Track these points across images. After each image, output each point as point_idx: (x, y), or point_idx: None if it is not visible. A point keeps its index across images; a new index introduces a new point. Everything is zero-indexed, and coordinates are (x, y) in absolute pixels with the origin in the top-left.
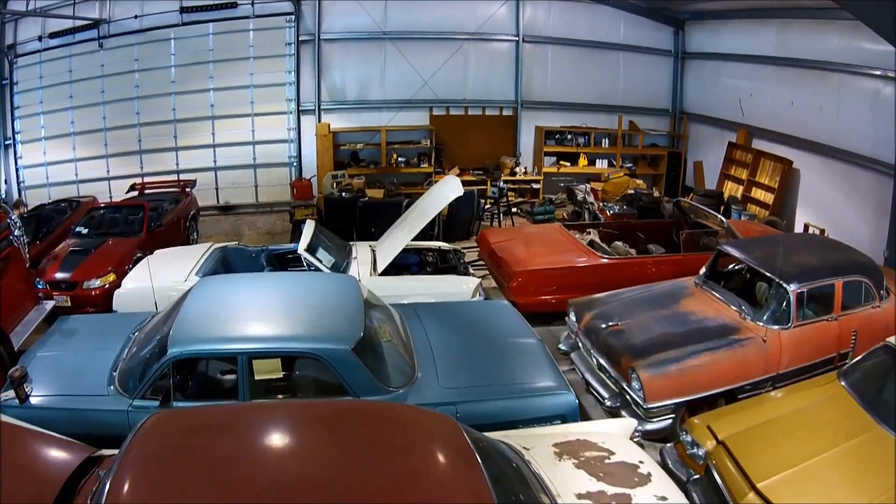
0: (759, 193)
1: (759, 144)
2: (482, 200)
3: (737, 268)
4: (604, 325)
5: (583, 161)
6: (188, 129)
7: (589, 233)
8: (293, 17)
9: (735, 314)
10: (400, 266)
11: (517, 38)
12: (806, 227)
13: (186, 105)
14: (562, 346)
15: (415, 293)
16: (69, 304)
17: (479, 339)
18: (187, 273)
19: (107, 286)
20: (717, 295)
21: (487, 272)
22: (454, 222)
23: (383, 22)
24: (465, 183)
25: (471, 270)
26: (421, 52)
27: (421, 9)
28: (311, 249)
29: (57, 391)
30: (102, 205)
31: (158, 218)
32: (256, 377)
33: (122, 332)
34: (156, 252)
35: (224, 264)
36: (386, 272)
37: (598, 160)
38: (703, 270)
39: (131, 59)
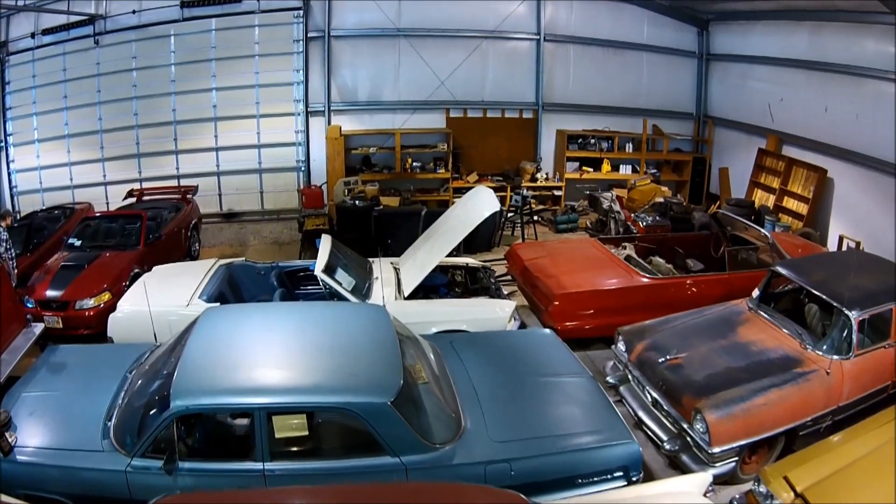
0: (791, 203)
1: (790, 152)
2: (504, 209)
3: (787, 288)
4: (661, 359)
5: (606, 167)
6: (189, 131)
7: (625, 247)
8: (301, 12)
9: (795, 344)
10: (426, 287)
11: (538, 37)
12: (840, 239)
13: (187, 106)
14: (609, 379)
15: (446, 320)
16: (61, 325)
17: (526, 377)
18: (190, 296)
19: (101, 306)
20: (773, 321)
21: (517, 289)
22: (475, 233)
23: (397, 18)
24: None
25: (504, 291)
26: (437, 51)
27: (437, 5)
28: (329, 269)
29: (45, 443)
30: (98, 214)
31: (157, 228)
32: (277, 435)
33: (117, 369)
34: (154, 268)
35: (230, 284)
36: (412, 295)
37: (621, 166)
38: (755, 293)
39: (129, 57)
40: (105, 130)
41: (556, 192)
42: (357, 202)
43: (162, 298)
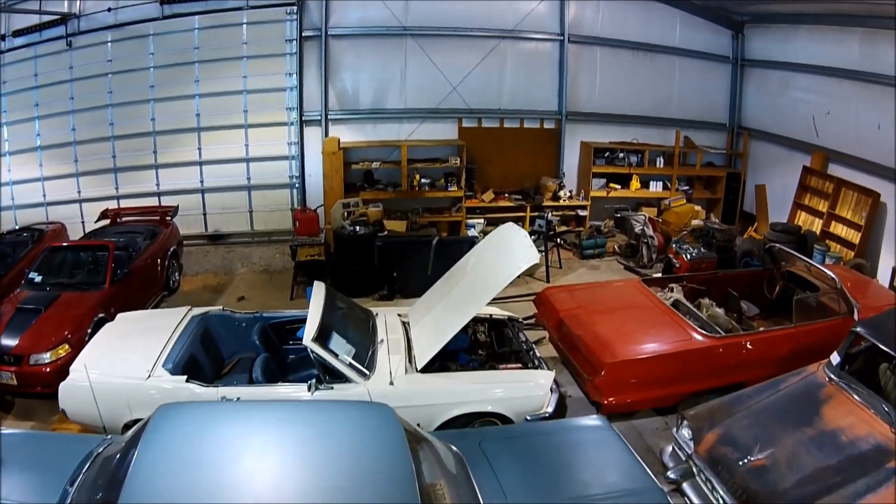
0: (839, 229)
1: (836, 171)
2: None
3: (861, 348)
4: (741, 461)
5: (635, 184)
6: (170, 142)
7: (671, 289)
8: (295, 8)
9: (886, 429)
10: (443, 351)
11: (561, 38)
12: (894, 271)
13: (168, 114)
14: (671, 474)
15: (470, 400)
16: (15, 382)
17: (579, 493)
18: (153, 362)
19: (59, 361)
20: (857, 398)
21: (545, 335)
22: None
23: (404, 15)
24: (501, 210)
25: (537, 350)
26: (448, 53)
27: (449, 2)
28: (323, 334)
29: None
30: (64, 244)
31: (129, 260)
32: None
33: (57, 475)
34: (118, 318)
35: (204, 341)
36: (427, 366)
37: (651, 182)
38: (834, 358)
39: (104, 61)
40: (79, 142)
41: (581, 212)
42: (357, 228)
43: (117, 366)
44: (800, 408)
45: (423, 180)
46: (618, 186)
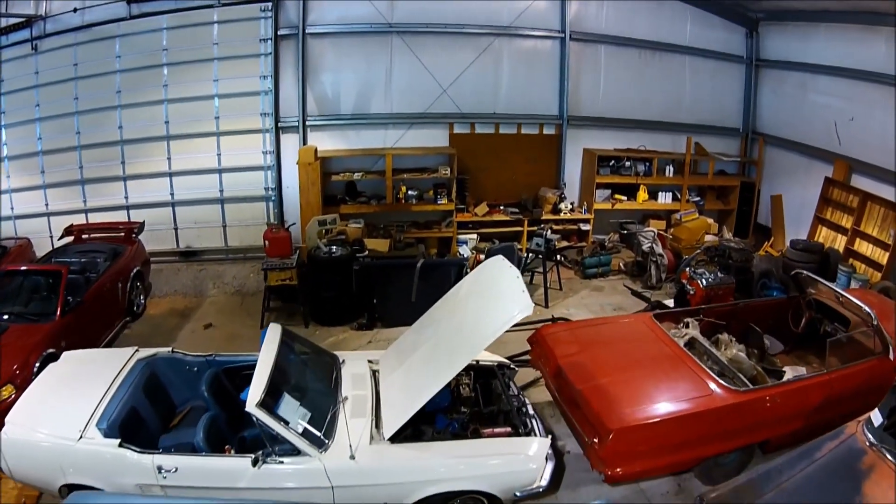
0: (864, 247)
1: (860, 182)
2: (521, 253)
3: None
4: None
5: (643, 195)
6: (138, 152)
7: (686, 324)
8: (270, 4)
9: None
10: (419, 415)
11: (562, 35)
12: None
13: (136, 121)
14: None
15: (448, 477)
16: None
17: None
18: (86, 420)
19: (2, 404)
20: None
21: (539, 376)
22: None
23: (389, 11)
24: (495, 224)
25: (530, 407)
26: (438, 52)
27: None
28: (273, 395)
29: None
30: (22, 267)
31: (86, 284)
32: None
33: None
34: (63, 357)
35: (150, 389)
36: (398, 433)
37: (660, 193)
38: (875, 418)
39: (71, 64)
40: (46, 152)
41: (583, 227)
42: (334, 249)
43: (51, 421)
44: (838, 484)
45: (409, 192)
46: (623, 198)
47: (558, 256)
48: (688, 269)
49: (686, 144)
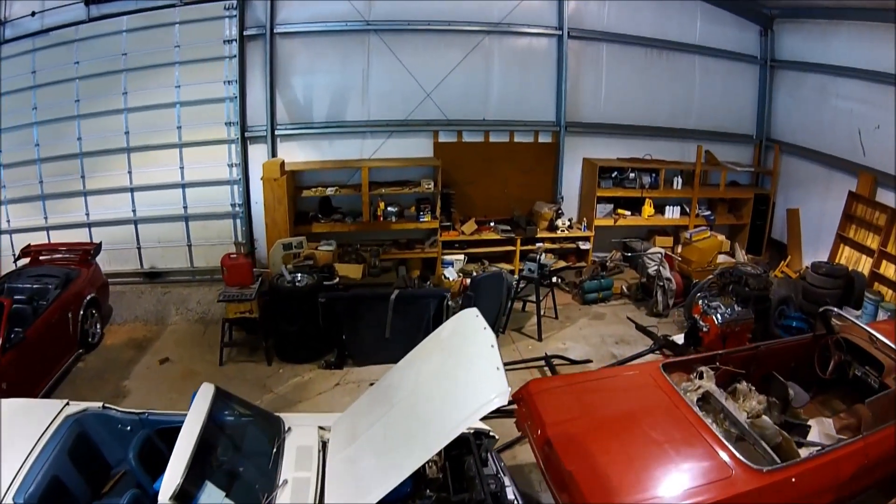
0: (892, 271)
1: (885, 197)
2: (513, 280)
3: None
4: None
5: (648, 209)
6: (98, 165)
7: (700, 374)
8: (235, 2)
9: None
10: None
11: (559, 32)
12: None
13: (95, 132)
14: None
15: None
16: None
17: None
18: (2, 492)
19: None
20: None
21: (520, 428)
22: None
23: (367, 8)
24: (484, 243)
25: (511, 491)
26: (421, 51)
27: None
28: (192, 482)
29: None
30: None
31: (34, 315)
32: None
33: None
34: None
35: (79, 451)
36: None
37: (667, 207)
38: None
39: (29, 72)
40: (5, 165)
41: (582, 245)
42: (299, 277)
43: None
44: None
45: (389, 209)
46: (627, 213)
47: (555, 279)
48: (701, 301)
49: (696, 153)
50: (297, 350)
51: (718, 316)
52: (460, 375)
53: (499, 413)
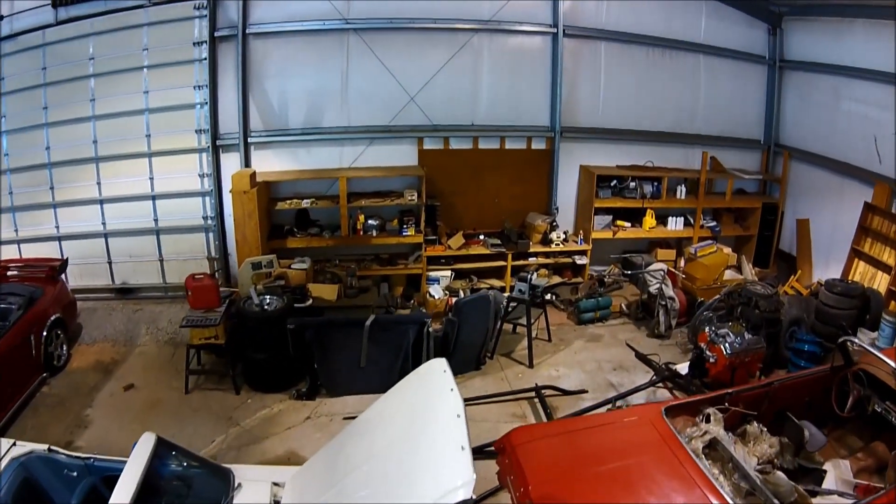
0: None
1: None
2: (503, 299)
3: None
4: None
5: (650, 220)
6: (68, 175)
7: (706, 418)
8: (205, 1)
9: None
10: None
11: (554, 30)
12: None
13: (63, 141)
14: None
15: None
16: None
17: None
18: None
19: None
20: None
21: (502, 481)
22: (455, 345)
23: (345, 5)
24: (473, 259)
25: None
26: (405, 52)
27: None
28: None
29: None
30: None
31: None
32: None
33: None
34: None
35: (23, 495)
36: None
37: (670, 218)
38: None
39: None
40: None
41: (579, 260)
42: (268, 299)
43: None
44: None
45: (370, 221)
46: (627, 224)
47: (549, 295)
48: (707, 329)
49: (701, 160)
50: (267, 379)
51: (727, 346)
52: (422, 452)
53: (479, 454)
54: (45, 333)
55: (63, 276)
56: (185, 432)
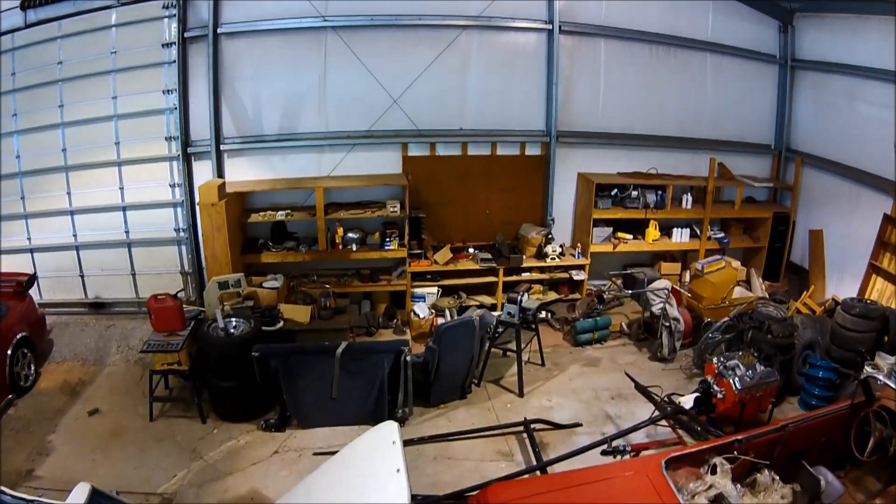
0: None
1: None
2: (491, 319)
3: None
4: None
5: (653, 232)
6: (38, 185)
7: (712, 468)
8: (174, 0)
9: None
10: None
11: (549, 27)
12: None
13: (33, 150)
14: None
15: None
16: None
17: None
18: None
19: None
20: None
21: None
22: (436, 374)
23: (323, 4)
24: (461, 274)
25: None
26: (387, 52)
27: None
28: None
29: None
30: None
31: None
32: None
33: None
34: None
35: None
36: None
37: (675, 229)
38: None
39: None
40: None
41: (576, 275)
42: (234, 323)
43: None
44: None
45: (349, 235)
46: (629, 236)
47: (543, 314)
48: (716, 361)
49: (709, 167)
50: (235, 407)
51: (737, 381)
52: None
53: (457, 499)
54: (9, 353)
55: (32, 291)
56: (146, 465)
